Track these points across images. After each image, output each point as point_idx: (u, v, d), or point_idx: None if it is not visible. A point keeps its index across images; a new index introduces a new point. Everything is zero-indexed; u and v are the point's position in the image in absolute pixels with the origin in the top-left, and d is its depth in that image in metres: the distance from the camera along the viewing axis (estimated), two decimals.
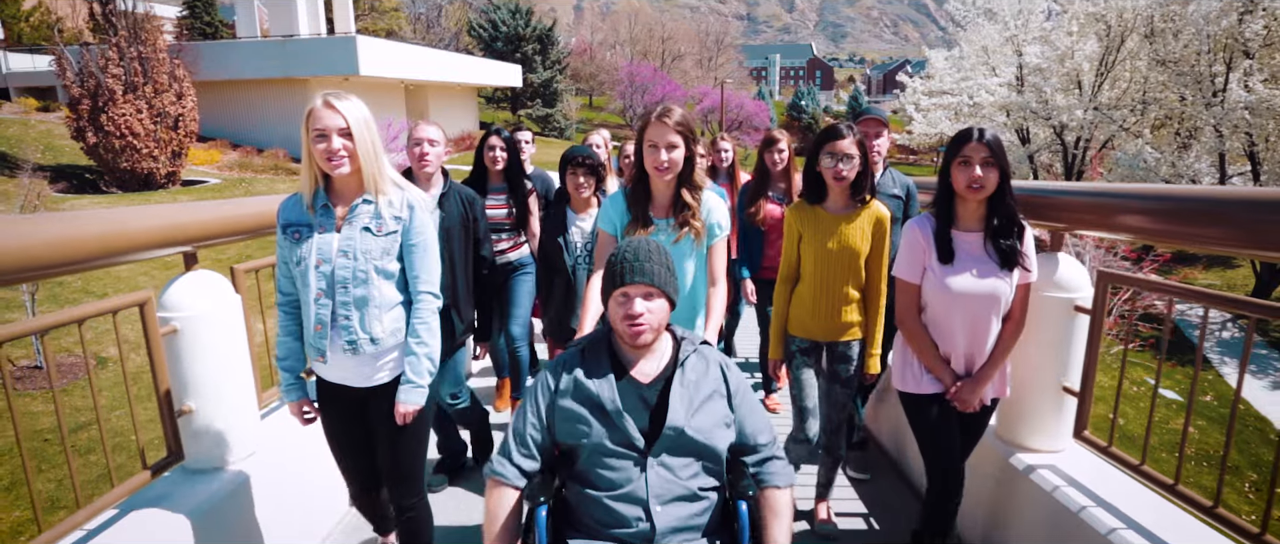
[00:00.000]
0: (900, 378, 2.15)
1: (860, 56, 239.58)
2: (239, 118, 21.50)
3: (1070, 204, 2.29)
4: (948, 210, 2.01)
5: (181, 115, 15.90)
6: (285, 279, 1.88)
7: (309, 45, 20.98)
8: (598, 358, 1.61)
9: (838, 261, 2.32)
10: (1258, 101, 12.97)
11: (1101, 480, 2.19)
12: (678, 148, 1.99)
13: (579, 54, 46.83)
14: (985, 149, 1.90)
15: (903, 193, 2.95)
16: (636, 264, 1.54)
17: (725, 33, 68.28)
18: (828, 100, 76.82)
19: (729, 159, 4.03)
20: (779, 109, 54.92)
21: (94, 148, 14.94)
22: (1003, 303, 2.00)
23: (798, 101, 54.40)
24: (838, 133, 2.26)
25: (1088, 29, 16.34)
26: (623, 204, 2.13)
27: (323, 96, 1.75)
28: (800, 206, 2.39)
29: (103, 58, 14.72)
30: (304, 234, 1.80)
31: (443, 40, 39.47)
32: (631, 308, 1.53)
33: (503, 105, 37.91)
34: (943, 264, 1.99)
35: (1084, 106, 16.33)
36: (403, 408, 1.87)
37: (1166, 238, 1.96)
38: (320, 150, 1.73)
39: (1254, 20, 12.96)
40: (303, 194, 1.83)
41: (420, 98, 26.38)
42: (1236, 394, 1.83)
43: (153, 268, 10.33)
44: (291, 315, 1.91)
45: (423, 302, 1.88)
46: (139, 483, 2.00)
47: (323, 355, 1.83)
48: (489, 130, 3.37)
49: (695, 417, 1.55)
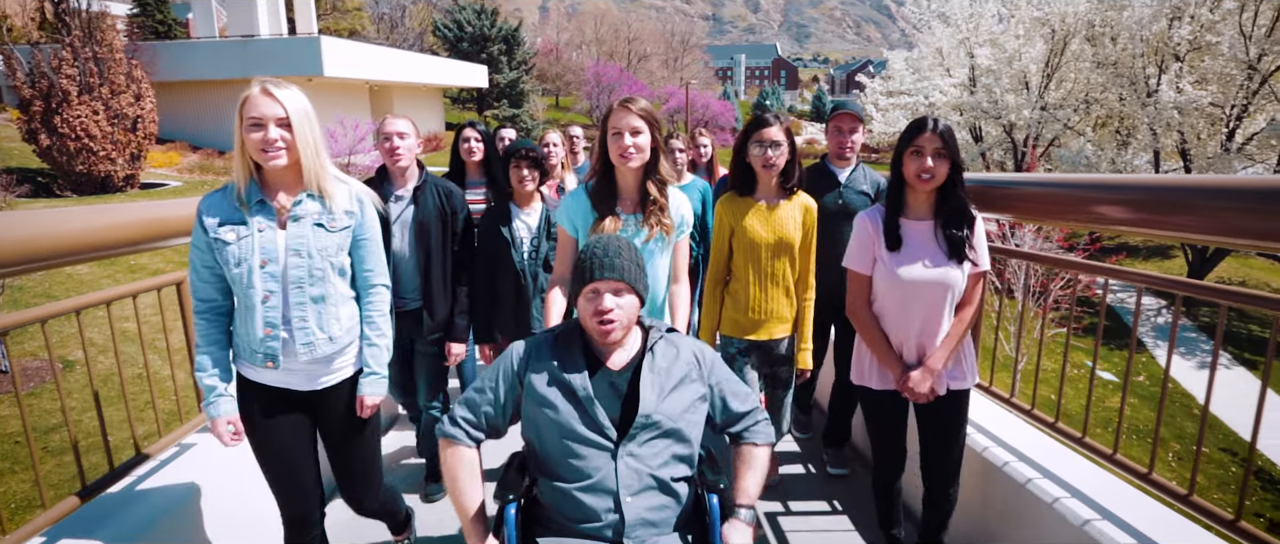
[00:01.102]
0: (856, 370, 2.15)
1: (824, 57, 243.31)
2: (199, 119, 21.09)
3: (1030, 195, 2.33)
4: (897, 199, 2.00)
5: (140, 117, 15.60)
6: (205, 285, 1.73)
7: (272, 45, 20.72)
8: (570, 347, 1.59)
9: (771, 252, 2.32)
10: (1186, 102, 13.85)
11: (1001, 425, 2.46)
12: (643, 134, 1.92)
13: (545, 54, 46.80)
14: (938, 140, 1.88)
15: (872, 190, 2.89)
16: (606, 260, 1.52)
17: (691, 33, 68.84)
18: (792, 100, 78.08)
19: (708, 154, 4.07)
20: (744, 108, 55.67)
21: (47, 150, 14.57)
22: (955, 291, 1.98)
23: (762, 101, 55.27)
24: (764, 121, 2.26)
25: (1033, 32, 17.16)
26: (585, 201, 2.02)
27: (260, 83, 1.65)
28: (731, 198, 2.36)
29: (56, 58, 14.37)
30: (241, 232, 1.68)
31: (407, 40, 39.07)
32: (601, 303, 1.51)
33: (469, 106, 37.72)
34: (891, 252, 1.97)
35: (1031, 106, 17.15)
36: (369, 399, 1.83)
37: (1129, 226, 1.96)
38: (255, 140, 1.62)
39: (1181, 26, 13.81)
40: (234, 187, 1.70)
41: (385, 98, 26.18)
42: (1166, 372, 2.04)
43: (116, 271, 10.21)
44: (214, 324, 1.75)
45: (377, 293, 1.86)
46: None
47: (273, 360, 1.72)
48: (464, 124, 3.34)
49: (665, 401, 1.53)
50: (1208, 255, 14.68)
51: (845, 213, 2.70)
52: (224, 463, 2.26)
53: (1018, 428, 2.51)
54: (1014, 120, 17.43)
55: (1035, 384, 2.56)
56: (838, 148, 2.85)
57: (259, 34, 22.19)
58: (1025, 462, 2.25)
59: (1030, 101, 17.28)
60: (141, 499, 2.03)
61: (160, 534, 1.95)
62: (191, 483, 2.14)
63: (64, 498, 1.89)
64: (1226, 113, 14.15)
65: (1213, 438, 8.63)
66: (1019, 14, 17.20)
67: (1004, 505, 2.25)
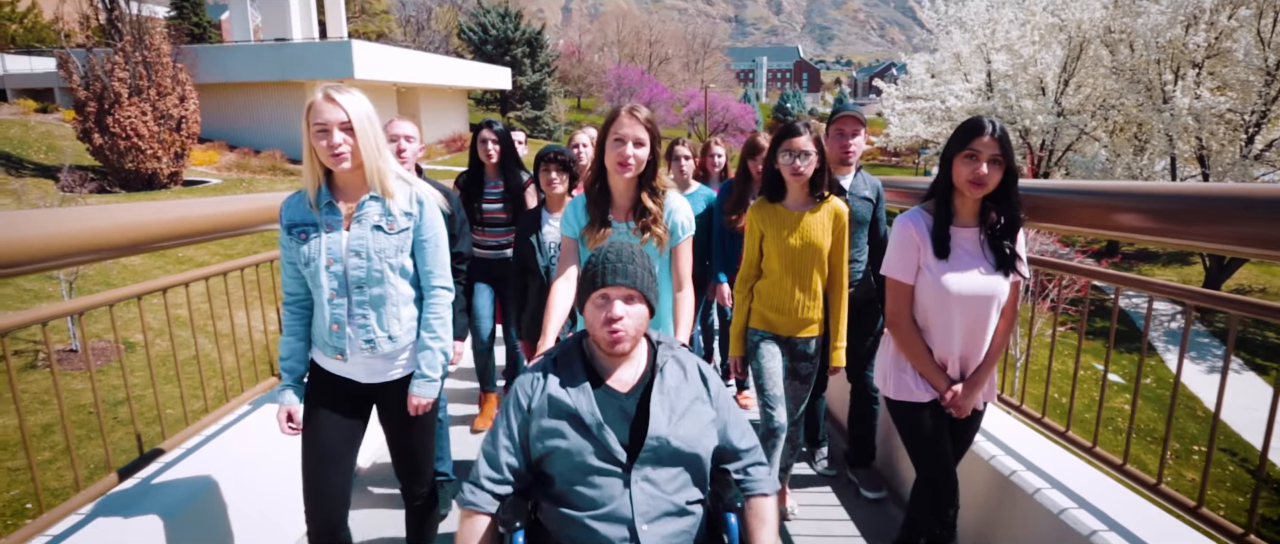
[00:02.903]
0: (892, 385, 2.00)
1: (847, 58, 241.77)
2: (236, 119, 22.02)
3: (1066, 203, 2.19)
4: (946, 204, 1.87)
5: (184, 117, 16.47)
6: (291, 279, 1.85)
7: (306, 49, 21.58)
8: (571, 367, 1.53)
9: (801, 257, 2.36)
10: (1203, 108, 13.94)
11: (1023, 441, 2.39)
12: (644, 146, 1.92)
13: (567, 56, 47.52)
14: (995, 145, 1.75)
15: (873, 195, 2.85)
16: (619, 265, 1.48)
17: (712, 35, 69.16)
18: (814, 102, 78.02)
19: (721, 163, 4.01)
20: (765, 111, 55.85)
21: (99, 149, 15.47)
22: (1000, 302, 1.88)
23: (783, 104, 55.39)
24: (794, 130, 2.31)
25: (1049, 38, 17.29)
26: (583, 207, 2.05)
27: (323, 90, 1.70)
28: (761, 204, 2.43)
29: (108, 62, 15.23)
30: (310, 234, 1.76)
31: (433, 43, 40.01)
32: (611, 310, 1.46)
33: (492, 107, 38.54)
34: (939, 260, 1.85)
35: (1046, 111, 17.28)
36: (417, 400, 1.87)
37: (1166, 236, 1.83)
38: (322, 146, 1.68)
39: (1197, 32, 13.91)
40: (306, 192, 1.79)
41: (412, 100, 26.98)
42: (1176, 377, 2.03)
43: (166, 262, 10.92)
44: (297, 316, 1.87)
45: (436, 296, 1.88)
46: None
47: (341, 354, 1.81)
48: (482, 124, 3.31)
49: (678, 424, 1.47)
50: (1225, 262, 14.73)
51: (853, 220, 2.69)
52: (267, 445, 2.46)
53: (1022, 433, 2.49)
54: (1029, 125, 17.55)
55: (1046, 394, 2.47)
56: (840, 152, 2.80)
57: (292, 35, 23.07)
58: (1033, 470, 2.22)
59: (1046, 107, 17.41)
60: (175, 483, 2.14)
61: (198, 510, 2.08)
62: (245, 452, 2.38)
63: (103, 477, 1.99)
64: (1245, 119, 14.21)
65: (1214, 438, 8.80)
66: (1035, 20, 17.35)
67: (1009, 513, 2.22)
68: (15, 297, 9.04)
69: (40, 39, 27.97)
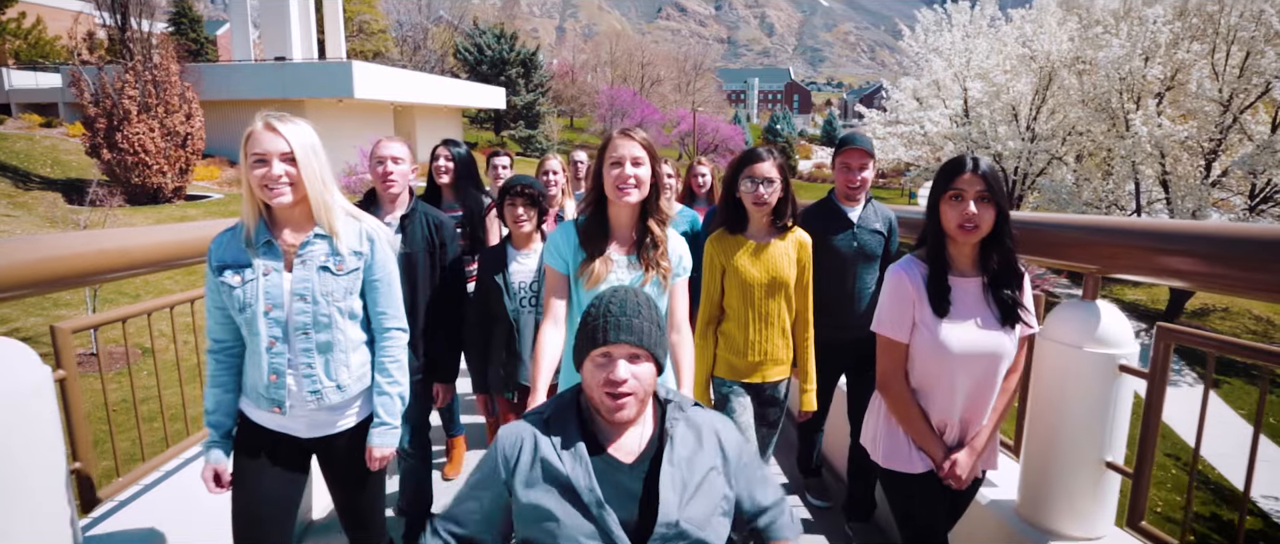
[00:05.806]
0: (882, 451, 1.82)
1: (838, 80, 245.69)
2: (237, 136, 21.61)
3: (1105, 244, 1.98)
4: (939, 253, 1.70)
5: (190, 134, 17.02)
6: (218, 325, 1.68)
7: (307, 69, 22.20)
8: (566, 430, 1.33)
9: (765, 292, 2.21)
10: (1163, 135, 14.79)
11: None
12: (644, 165, 1.76)
13: (561, 76, 48.41)
14: (980, 182, 1.61)
15: (885, 228, 2.64)
16: (624, 319, 1.29)
17: (703, 57, 70.51)
18: (804, 124, 79.41)
19: (707, 183, 3.88)
20: (755, 132, 56.90)
21: (108, 164, 15.97)
22: (1006, 360, 1.71)
23: (773, 125, 56.44)
24: (757, 156, 2.16)
25: (1021, 67, 18.23)
26: (574, 237, 1.84)
27: (263, 117, 1.58)
28: (720, 236, 2.25)
29: (119, 79, 15.79)
30: (245, 275, 1.61)
31: (429, 63, 40.80)
32: (614, 373, 1.27)
33: (487, 126, 39.29)
34: (938, 317, 1.67)
35: (1018, 137, 18.15)
36: (378, 451, 1.74)
37: (1219, 284, 1.67)
38: (258, 176, 1.55)
39: (1153, 65, 14.84)
40: (241, 229, 1.64)
41: (408, 118, 27.63)
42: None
43: (177, 275, 11.40)
44: (224, 365, 1.71)
45: (390, 338, 1.76)
46: None
47: (279, 406, 1.65)
48: (440, 142, 3.09)
49: (690, 505, 1.28)
50: None
51: (862, 254, 2.59)
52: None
53: (1111, 537, 2.19)
54: (1002, 151, 18.40)
55: (1145, 486, 2.15)
56: (846, 187, 2.61)
57: (292, 53, 23.71)
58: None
59: (1017, 133, 18.27)
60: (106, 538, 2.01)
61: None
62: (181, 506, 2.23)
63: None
64: (1202, 146, 15.07)
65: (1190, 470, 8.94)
66: (1006, 50, 18.30)
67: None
68: (37, 304, 9.52)
69: (43, 54, 28.45)
